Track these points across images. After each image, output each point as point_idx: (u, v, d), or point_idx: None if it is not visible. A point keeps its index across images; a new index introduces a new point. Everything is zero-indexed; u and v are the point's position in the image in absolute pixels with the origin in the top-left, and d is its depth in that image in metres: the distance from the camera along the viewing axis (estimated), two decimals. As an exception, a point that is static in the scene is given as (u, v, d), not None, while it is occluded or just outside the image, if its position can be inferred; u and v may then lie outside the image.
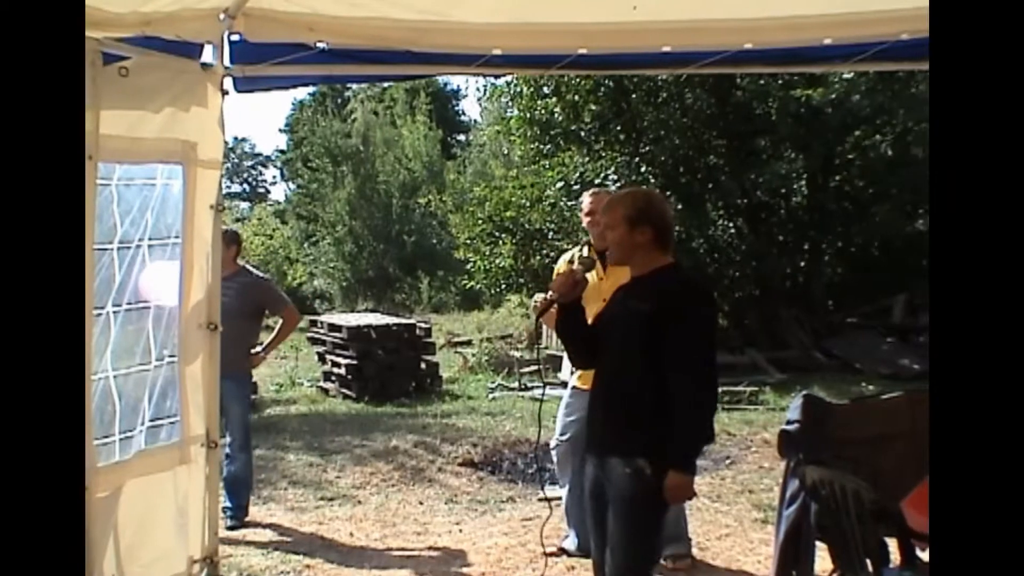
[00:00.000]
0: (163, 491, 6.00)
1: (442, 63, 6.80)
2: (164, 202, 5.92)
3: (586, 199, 7.61)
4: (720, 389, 14.58)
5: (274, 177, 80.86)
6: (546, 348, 20.38)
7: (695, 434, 4.72)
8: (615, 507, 4.84)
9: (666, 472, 4.63)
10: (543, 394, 6.23)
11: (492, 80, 30.38)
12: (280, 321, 9.30)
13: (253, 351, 8.88)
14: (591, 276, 5.89)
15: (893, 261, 20.45)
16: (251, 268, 8.86)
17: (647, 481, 4.66)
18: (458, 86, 61.18)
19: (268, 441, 12.19)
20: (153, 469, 5.90)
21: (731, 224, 20.81)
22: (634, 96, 19.70)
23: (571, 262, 7.18)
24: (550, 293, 5.32)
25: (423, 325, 18.05)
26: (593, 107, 19.95)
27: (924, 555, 5.66)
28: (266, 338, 9.29)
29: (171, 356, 5.99)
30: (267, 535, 8.45)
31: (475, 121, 55.99)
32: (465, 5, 6.13)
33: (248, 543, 8.19)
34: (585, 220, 7.55)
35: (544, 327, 22.39)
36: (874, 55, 6.28)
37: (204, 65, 6.02)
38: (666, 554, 7.29)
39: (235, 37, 6.00)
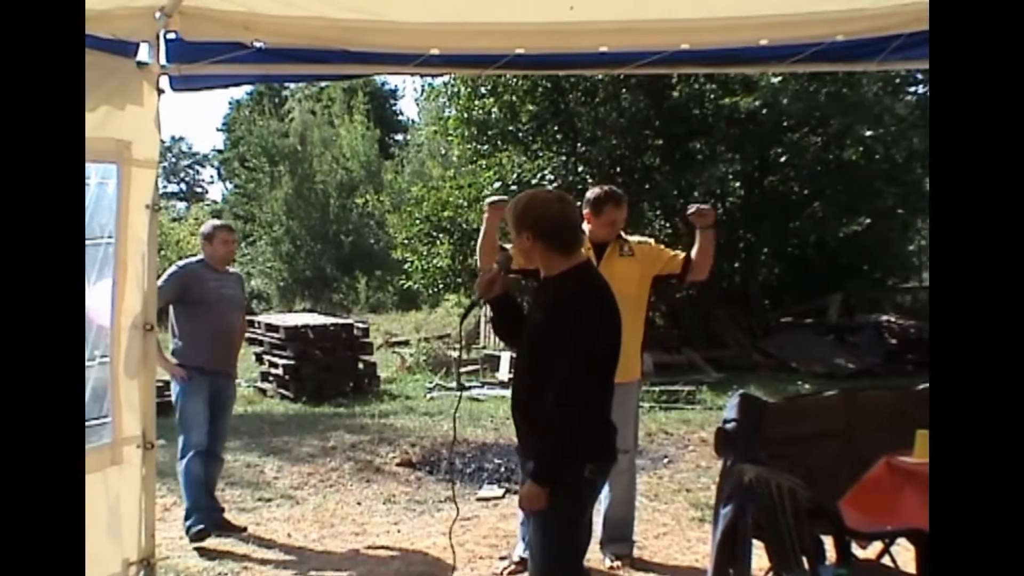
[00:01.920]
0: (94, 492, 5.93)
1: (379, 63, 6.78)
2: (98, 202, 5.86)
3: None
4: (657, 388, 14.72)
5: (211, 177, 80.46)
6: (484, 348, 20.41)
7: (552, 448, 4.66)
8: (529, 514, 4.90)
9: (575, 472, 4.67)
10: (459, 397, 6.21)
11: (430, 80, 30.42)
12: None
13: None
14: None
15: (828, 261, 20.67)
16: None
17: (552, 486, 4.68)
18: (396, 86, 61.08)
19: (205, 442, 12.11)
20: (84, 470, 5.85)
21: (667, 224, 20.88)
22: (571, 96, 19.77)
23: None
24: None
25: (361, 325, 17.99)
26: (530, 107, 19.98)
27: (860, 552, 5.73)
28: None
29: (103, 356, 5.93)
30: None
31: (413, 121, 55.96)
32: (402, 4, 6.13)
33: (185, 545, 8.12)
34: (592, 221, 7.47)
35: (483, 327, 22.43)
36: (810, 56, 6.34)
37: (140, 64, 5.97)
38: (609, 552, 7.34)
39: (171, 36, 5.96)
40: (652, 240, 7.91)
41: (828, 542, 5.39)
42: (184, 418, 8.20)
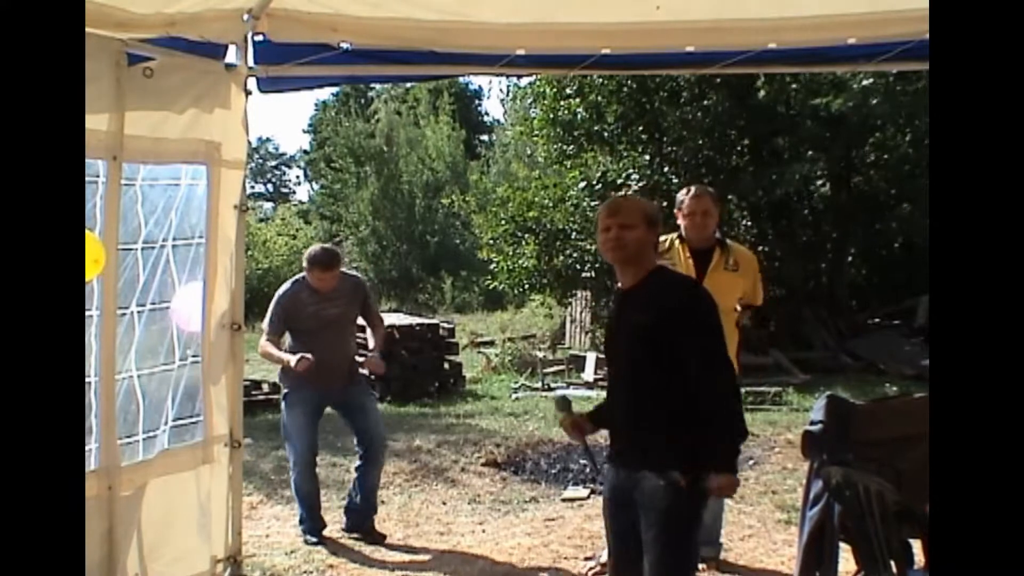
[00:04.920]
0: (185, 490, 6.03)
1: (465, 63, 6.81)
2: (188, 202, 5.95)
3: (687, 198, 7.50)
4: (744, 390, 14.60)
5: (298, 177, 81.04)
6: (569, 348, 20.38)
7: (735, 435, 4.71)
8: (649, 518, 4.75)
9: (704, 478, 4.63)
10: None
11: (515, 80, 30.44)
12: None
13: (377, 356, 8.49)
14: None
15: (916, 262, 20.36)
16: (346, 271, 8.57)
17: (682, 493, 4.63)
18: (480, 86, 61.25)
19: (291, 441, 12.22)
20: (176, 468, 5.93)
21: (753, 224, 20.76)
22: (657, 97, 19.65)
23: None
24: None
25: (446, 325, 18.02)
26: (616, 107, 19.88)
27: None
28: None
29: (195, 356, 6.02)
30: (290, 535, 8.45)
31: (498, 121, 56.01)
32: (487, 5, 6.15)
33: (271, 543, 8.20)
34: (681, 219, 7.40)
35: (568, 327, 22.42)
36: (898, 55, 6.27)
37: (228, 66, 6.06)
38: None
39: (259, 37, 6.03)
40: (750, 253, 7.82)
41: (916, 546, 5.33)
42: (287, 432, 8.35)
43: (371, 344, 8.59)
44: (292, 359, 7.88)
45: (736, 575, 7.38)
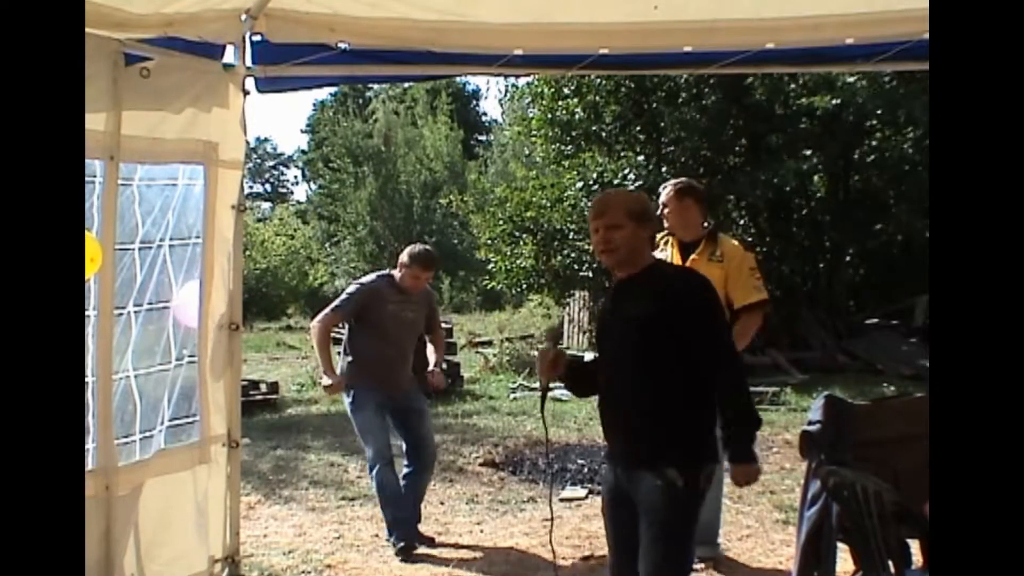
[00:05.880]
0: (182, 490, 6.02)
1: (463, 63, 6.81)
2: (185, 202, 5.94)
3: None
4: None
5: (296, 177, 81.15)
6: (567, 348, 20.36)
7: (750, 423, 4.67)
8: (648, 518, 4.72)
9: (700, 477, 4.63)
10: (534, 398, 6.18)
11: (513, 80, 30.45)
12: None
13: (430, 368, 8.38)
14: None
15: (914, 261, 20.35)
16: None
17: (679, 492, 4.61)
18: (478, 86, 61.35)
19: (289, 441, 12.22)
20: (172, 468, 5.92)
21: (751, 224, 20.78)
22: (654, 96, 19.69)
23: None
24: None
25: (444, 325, 17.95)
26: (614, 107, 19.95)
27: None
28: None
29: (191, 356, 6.01)
30: (288, 535, 8.45)
31: (496, 121, 56.10)
32: (485, 5, 6.15)
33: (269, 543, 8.19)
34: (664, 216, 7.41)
35: (564, 330, 22.41)
36: (896, 54, 6.27)
37: (226, 66, 6.05)
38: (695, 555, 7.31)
39: (257, 38, 6.03)
40: (743, 248, 7.71)
41: (914, 546, 5.33)
42: (361, 432, 8.17)
43: (432, 359, 8.43)
44: (327, 377, 8.00)
45: (734, 575, 7.37)
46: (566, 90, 20.25)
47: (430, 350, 8.46)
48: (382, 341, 7.96)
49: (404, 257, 8.05)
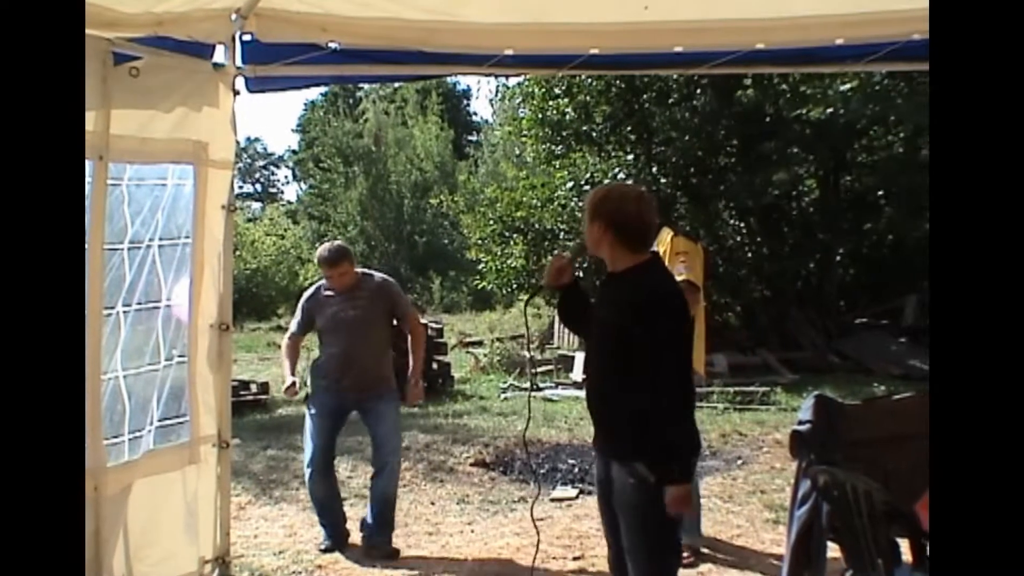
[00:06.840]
0: (172, 491, 6.02)
1: (454, 63, 6.81)
2: (175, 202, 5.94)
3: None
4: (732, 390, 14.61)
5: (286, 177, 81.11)
6: (558, 348, 20.36)
7: (680, 448, 4.62)
8: (625, 517, 4.77)
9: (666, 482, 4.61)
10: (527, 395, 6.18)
11: (503, 80, 30.43)
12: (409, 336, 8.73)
13: (414, 384, 8.30)
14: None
15: (904, 262, 20.39)
16: (371, 272, 8.58)
17: (652, 489, 4.59)
18: (469, 86, 61.32)
19: (280, 441, 12.18)
20: (162, 469, 5.92)
21: (742, 224, 20.81)
22: (645, 97, 19.68)
23: None
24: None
25: (435, 325, 17.99)
26: (604, 108, 19.91)
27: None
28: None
29: (180, 356, 6.01)
30: (279, 535, 8.44)
31: (486, 121, 56.10)
32: (476, 5, 6.15)
33: (260, 543, 8.18)
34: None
35: (557, 327, 22.42)
36: (886, 55, 6.28)
37: (216, 65, 6.06)
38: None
39: (247, 37, 6.04)
40: (684, 239, 7.67)
41: (904, 545, 5.34)
42: (304, 435, 8.17)
43: (411, 365, 8.41)
44: (287, 380, 7.97)
45: (724, 575, 7.37)
46: (557, 90, 20.21)
47: (411, 357, 8.45)
48: (330, 345, 8.02)
49: (317, 257, 8.22)
